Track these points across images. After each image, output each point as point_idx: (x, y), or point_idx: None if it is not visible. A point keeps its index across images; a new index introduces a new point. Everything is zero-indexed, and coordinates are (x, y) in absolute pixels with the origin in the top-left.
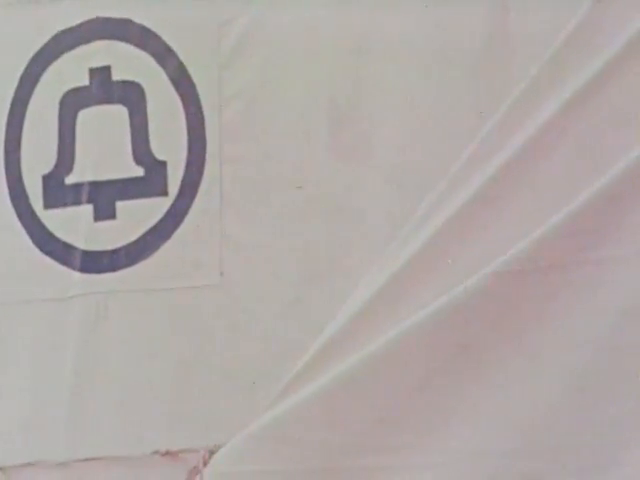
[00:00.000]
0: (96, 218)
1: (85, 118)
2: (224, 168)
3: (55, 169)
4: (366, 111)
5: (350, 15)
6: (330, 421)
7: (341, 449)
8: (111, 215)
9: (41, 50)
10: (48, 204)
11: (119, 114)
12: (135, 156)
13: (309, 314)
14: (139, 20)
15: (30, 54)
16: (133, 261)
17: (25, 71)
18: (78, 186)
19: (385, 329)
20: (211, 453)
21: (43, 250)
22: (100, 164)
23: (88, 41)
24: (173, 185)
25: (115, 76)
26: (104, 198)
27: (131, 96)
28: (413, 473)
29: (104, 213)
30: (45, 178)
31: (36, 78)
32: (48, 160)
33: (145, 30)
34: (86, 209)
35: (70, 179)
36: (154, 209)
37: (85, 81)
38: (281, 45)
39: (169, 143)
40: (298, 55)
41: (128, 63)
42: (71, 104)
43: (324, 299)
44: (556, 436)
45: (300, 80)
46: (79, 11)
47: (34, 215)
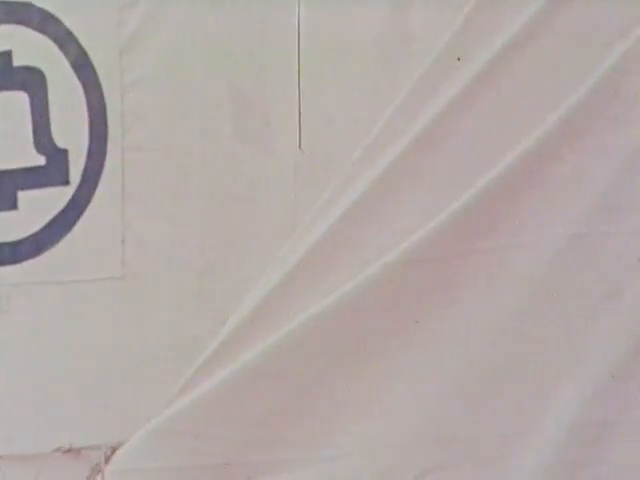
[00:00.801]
0: None
1: None
2: (126, 156)
3: None
4: (268, 97)
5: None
6: (230, 415)
7: (241, 443)
8: (12, 205)
9: None
10: None
11: (20, 101)
12: (36, 144)
13: (212, 305)
14: (40, 4)
15: None
16: (36, 253)
17: None
18: None
19: (287, 320)
20: (113, 450)
21: None
22: (0, 153)
23: None
24: (75, 174)
25: (16, 62)
26: (5, 188)
27: (32, 82)
28: (311, 466)
29: (5, 203)
30: None
31: None
32: None
33: (46, 14)
34: None
35: None
36: (56, 199)
37: None
38: (182, 29)
39: (70, 131)
40: (199, 39)
41: (29, 48)
42: None
43: (227, 290)
44: (453, 427)
45: (201, 65)
46: None
47: None
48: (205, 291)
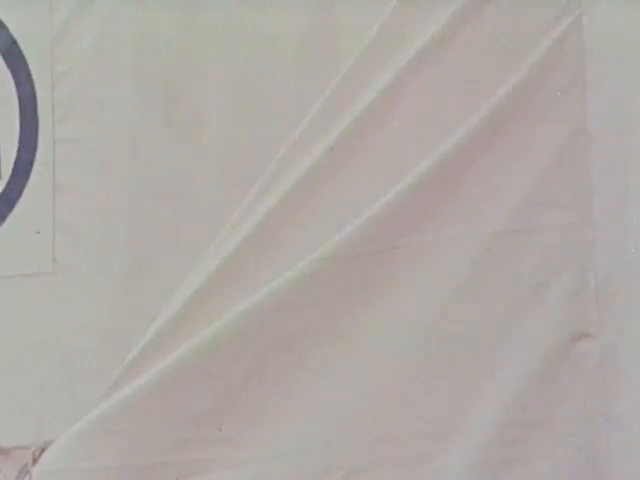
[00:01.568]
0: None
1: None
2: (57, 149)
3: None
4: (197, 91)
5: None
6: (159, 414)
7: (169, 443)
8: None
9: None
10: None
11: None
12: None
13: (142, 302)
14: None
15: None
16: None
17: None
18: None
19: (216, 318)
20: (42, 450)
21: None
22: None
23: None
24: (6, 167)
25: None
26: None
27: None
28: (240, 466)
29: None
30: None
31: None
32: None
33: None
34: None
35: None
36: None
37: None
38: (113, 20)
39: (1, 123)
40: (130, 31)
41: None
42: None
43: (157, 286)
44: (379, 427)
45: (132, 57)
46: None
47: None
48: (135, 287)
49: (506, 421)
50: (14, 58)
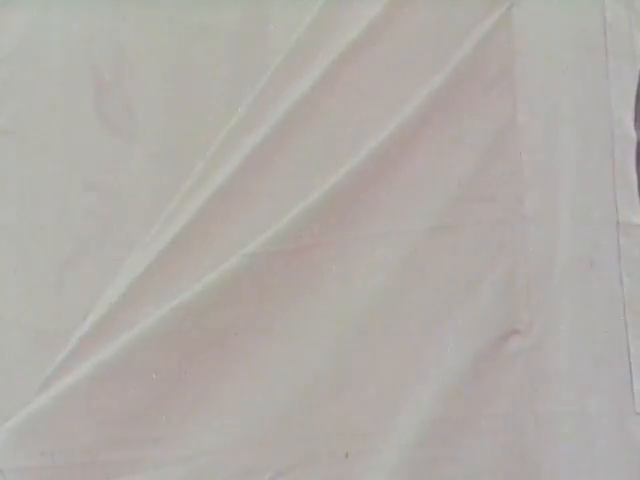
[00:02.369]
0: None
1: None
2: None
3: None
4: (130, 81)
5: None
6: (89, 413)
7: (100, 443)
8: None
9: None
10: None
11: None
12: None
13: (72, 300)
14: None
15: None
16: None
17: None
18: None
19: (148, 314)
20: None
21: None
22: None
23: None
24: None
25: None
26: None
27: None
28: (170, 465)
29: None
30: None
31: None
32: None
33: None
34: None
35: None
36: None
37: None
38: (43, 9)
39: None
40: (61, 21)
41: None
42: None
43: (88, 284)
44: (311, 424)
45: (63, 47)
46: None
47: None
48: (65, 284)
49: (435, 419)
50: None
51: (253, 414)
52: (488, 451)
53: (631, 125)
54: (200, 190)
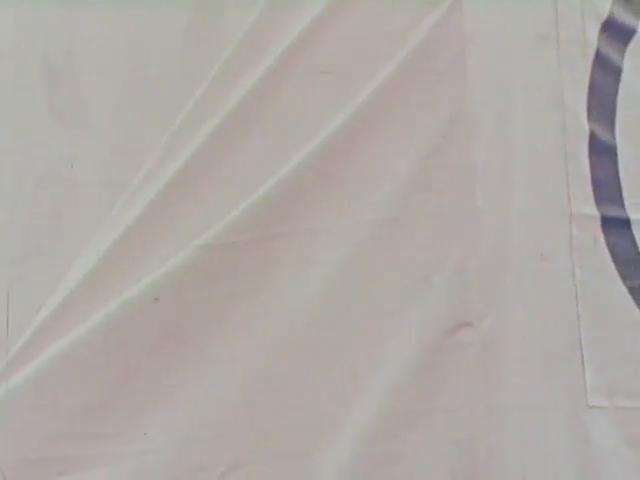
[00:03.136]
0: None
1: None
2: None
3: None
4: (81, 71)
5: None
6: (41, 408)
7: (52, 438)
8: None
9: None
10: None
11: None
12: None
13: (29, 293)
14: None
15: None
16: None
17: None
18: None
19: (100, 308)
20: None
21: None
22: None
23: None
24: None
25: None
26: None
27: None
28: (122, 461)
29: None
30: None
31: None
32: None
33: None
34: None
35: None
36: None
37: None
38: None
39: None
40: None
41: None
42: None
43: (40, 276)
44: (264, 420)
45: (14, 39)
46: None
47: None
48: (17, 278)
49: (387, 413)
50: None
51: (205, 410)
52: (438, 445)
53: (584, 116)
54: (152, 183)
